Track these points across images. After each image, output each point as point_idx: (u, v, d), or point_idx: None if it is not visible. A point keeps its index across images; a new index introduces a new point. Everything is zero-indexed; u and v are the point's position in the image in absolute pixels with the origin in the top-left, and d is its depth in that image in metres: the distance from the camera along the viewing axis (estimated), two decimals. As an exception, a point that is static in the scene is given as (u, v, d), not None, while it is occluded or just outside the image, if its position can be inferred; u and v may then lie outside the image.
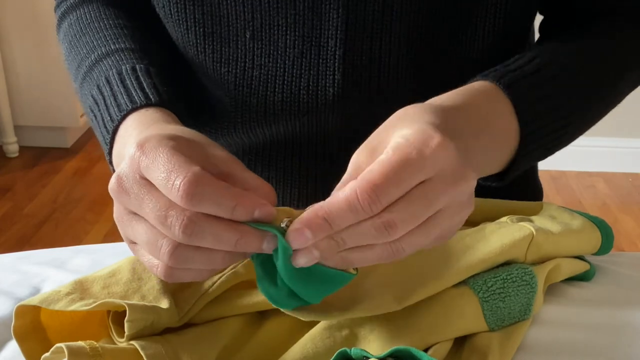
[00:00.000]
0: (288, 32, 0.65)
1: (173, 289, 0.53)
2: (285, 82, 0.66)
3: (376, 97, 0.67)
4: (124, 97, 0.59)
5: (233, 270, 0.56)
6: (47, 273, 0.65)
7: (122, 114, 0.58)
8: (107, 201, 2.50)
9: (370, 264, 0.46)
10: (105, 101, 0.61)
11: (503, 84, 0.57)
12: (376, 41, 0.64)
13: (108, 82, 0.62)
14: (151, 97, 0.59)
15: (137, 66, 0.63)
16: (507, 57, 0.70)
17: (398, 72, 0.66)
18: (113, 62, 0.65)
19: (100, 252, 0.68)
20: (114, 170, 0.58)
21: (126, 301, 0.49)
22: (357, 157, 0.48)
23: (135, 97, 0.59)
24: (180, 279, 0.47)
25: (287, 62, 0.66)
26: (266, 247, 0.45)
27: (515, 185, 0.72)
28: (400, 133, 0.46)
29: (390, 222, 0.44)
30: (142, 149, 0.46)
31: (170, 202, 0.44)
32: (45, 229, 2.34)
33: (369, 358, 0.47)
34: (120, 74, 0.62)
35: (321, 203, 0.44)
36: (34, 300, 0.50)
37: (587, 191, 2.60)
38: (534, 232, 0.57)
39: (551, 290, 0.61)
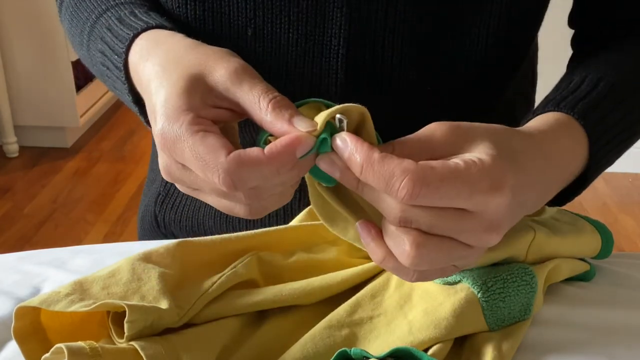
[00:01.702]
0: (291, 30, 0.64)
1: (173, 289, 0.53)
2: (287, 80, 0.66)
3: (379, 96, 0.67)
4: (125, 31, 0.59)
5: (233, 270, 0.56)
6: (47, 273, 0.64)
7: (125, 44, 0.58)
8: (107, 201, 2.50)
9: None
10: (110, 47, 0.61)
11: (577, 114, 0.56)
12: (379, 40, 0.64)
13: (110, 29, 0.62)
14: (150, 21, 0.59)
15: (136, 10, 0.62)
16: (511, 57, 0.70)
17: (401, 71, 0.66)
18: (113, 13, 0.64)
19: (100, 252, 0.68)
20: (141, 113, 0.59)
21: (126, 302, 0.49)
22: (435, 129, 0.47)
23: (135, 25, 0.59)
24: (264, 214, 0.49)
25: (289, 60, 0.65)
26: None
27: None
28: (483, 149, 0.46)
29: (407, 220, 0.44)
30: (164, 142, 0.47)
31: None
32: (45, 229, 2.34)
33: (369, 358, 0.47)
34: (119, 18, 0.62)
35: (376, 150, 0.44)
36: (33, 302, 0.50)
37: (587, 191, 2.58)
38: (535, 232, 0.57)
39: (551, 290, 0.61)
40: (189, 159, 0.45)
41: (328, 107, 0.47)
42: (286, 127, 0.46)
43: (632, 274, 0.64)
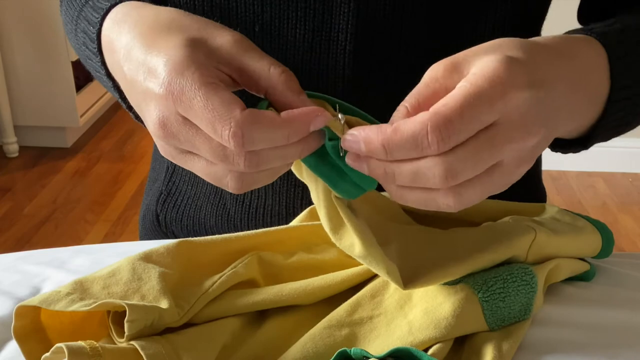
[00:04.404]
0: (298, 25, 0.64)
1: (173, 288, 0.53)
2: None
3: (385, 92, 0.66)
4: (103, 2, 0.57)
5: (233, 270, 0.56)
6: (47, 273, 0.64)
7: (100, 14, 0.56)
8: (107, 201, 2.50)
9: (427, 208, 0.45)
10: (88, 21, 0.59)
11: (594, 34, 0.55)
12: (387, 36, 0.64)
13: (92, 7, 0.60)
14: None
15: None
16: None
17: (408, 67, 0.65)
18: None
19: (100, 252, 0.68)
20: (105, 72, 0.56)
21: (126, 301, 0.49)
22: (436, 70, 0.47)
23: None
24: (250, 189, 0.48)
25: (296, 56, 0.65)
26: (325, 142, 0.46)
27: (519, 188, 0.72)
28: (483, 61, 0.45)
29: (453, 169, 0.43)
30: (170, 91, 0.45)
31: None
32: (45, 229, 2.34)
33: (369, 358, 0.47)
34: None
35: (386, 126, 0.43)
36: (34, 301, 0.50)
37: (587, 191, 2.60)
38: (536, 232, 0.57)
39: (551, 290, 0.61)
40: (197, 109, 0.44)
41: (328, 101, 0.48)
42: (297, 99, 0.46)
43: (632, 274, 0.64)
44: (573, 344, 0.55)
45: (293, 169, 0.51)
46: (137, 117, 0.57)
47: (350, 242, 0.50)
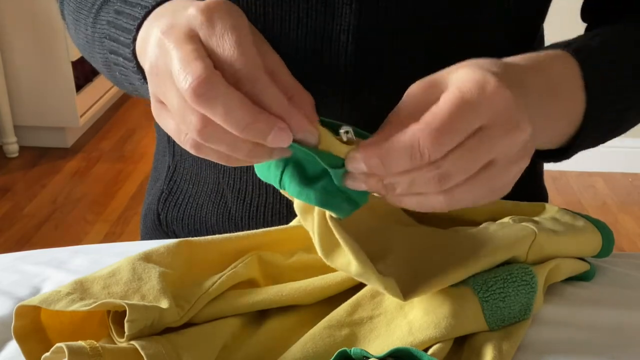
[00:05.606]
0: (299, 26, 0.64)
1: (173, 288, 0.53)
2: (295, 76, 0.66)
3: (387, 94, 0.66)
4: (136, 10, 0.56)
5: (233, 269, 0.56)
6: (47, 273, 0.65)
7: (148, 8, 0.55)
8: (107, 201, 2.50)
9: (424, 210, 0.47)
10: (122, 14, 0.58)
11: (571, 50, 0.57)
12: (388, 37, 0.64)
13: (125, 1, 0.59)
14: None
15: None
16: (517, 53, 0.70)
17: (410, 69, 0.65)
18: None
19: (100, 252, 0.68)
20: (143, 80, 0.56)
21: (126, 301, 0.49)
22: (414, 88, 0.48)
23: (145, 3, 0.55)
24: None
25: (298, 56, 0.65)
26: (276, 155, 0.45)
27: (520, 189, 0.72)
28: (461, 72, 0.46)
29: (446, 174, 0.44)
30: (209, 12, 0.44)
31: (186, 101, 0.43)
32: (45, 229, 2.34)
33: (369, 358, 0.47)
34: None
35: (377, 142, 0.44)
36: (34, 301, 0.50)
37: (587, 191, 2.60)
38: (537, 233, 0.57)
39: (551, 290, 0.61)
40: (226, 39, 0.43)
41: (324, 123, 0.47)
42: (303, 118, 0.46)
43: (632, 274, 0.64)
44: (573, 344, 0.55)
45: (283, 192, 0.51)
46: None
47: (346, 261, 0.50)
